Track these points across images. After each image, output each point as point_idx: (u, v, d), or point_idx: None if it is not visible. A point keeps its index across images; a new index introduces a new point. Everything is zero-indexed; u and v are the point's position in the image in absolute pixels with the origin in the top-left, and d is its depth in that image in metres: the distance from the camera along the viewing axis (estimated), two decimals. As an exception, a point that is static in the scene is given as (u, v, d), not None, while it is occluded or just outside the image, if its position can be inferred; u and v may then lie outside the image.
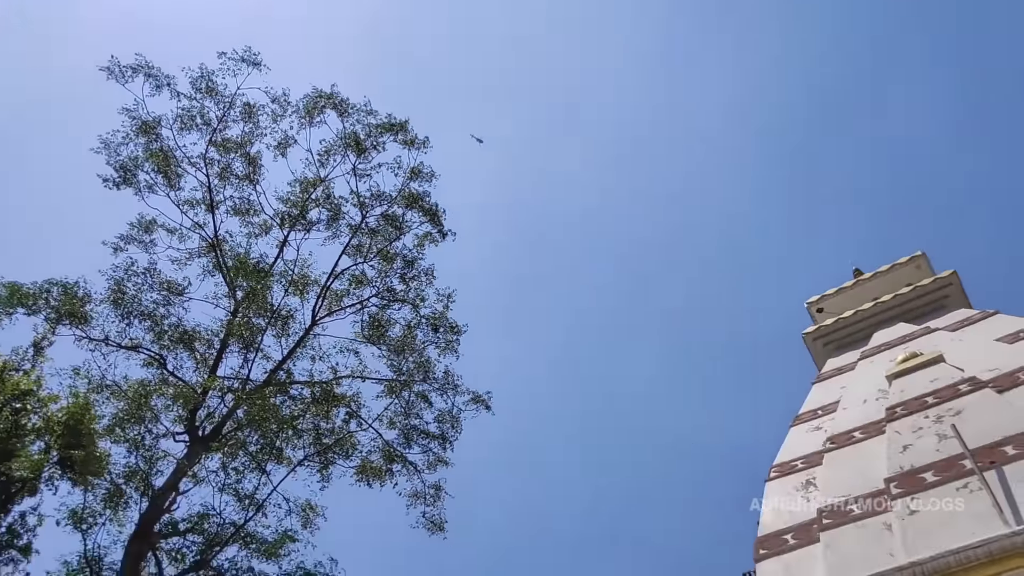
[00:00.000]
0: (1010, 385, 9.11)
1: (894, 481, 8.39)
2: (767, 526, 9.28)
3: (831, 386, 12.29)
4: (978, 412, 8.69)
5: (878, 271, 15.27)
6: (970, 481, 7.81)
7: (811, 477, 9.75)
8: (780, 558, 8.64)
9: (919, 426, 9.04)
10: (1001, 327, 11.15)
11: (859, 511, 8.50)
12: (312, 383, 16.61)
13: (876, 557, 7.68)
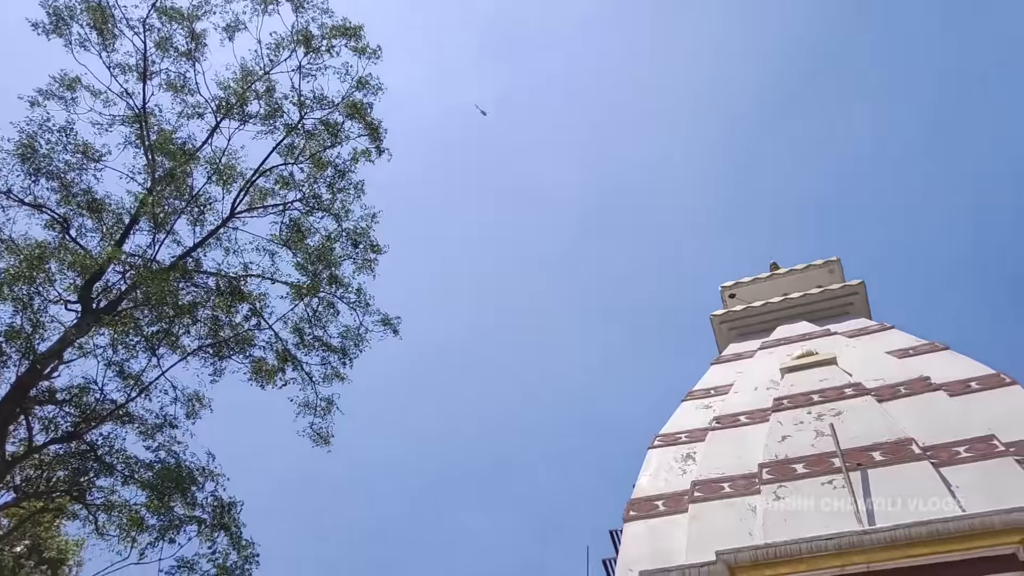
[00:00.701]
0: (890, 396, 9.56)
1: (767, 467, 8.75)
2: (642, 490, 9.59)
3: (728, 369, 12.68)
4: (856, 416, 9.10)
5: (793, 268, 15.71)
6: (836, 479, 8.20)
7: (692, 451, 10.08)
8: (647, 522, 8.96)
9: (800, 420, 9.42)
10: (894, 342, 11.65)
11: (730, 490, 8.85)
12: (220, 275, 16.21)
13: (736, 534, 8.04)
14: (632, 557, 8.41)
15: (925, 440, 8.45)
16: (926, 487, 7.69)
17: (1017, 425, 8.45)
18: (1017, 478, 7.56)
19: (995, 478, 7.66)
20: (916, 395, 9.47)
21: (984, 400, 9.11)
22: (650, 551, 8.44)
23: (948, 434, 8.49)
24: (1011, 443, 8.14)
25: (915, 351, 11.05)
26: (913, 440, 8.39)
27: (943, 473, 7.91)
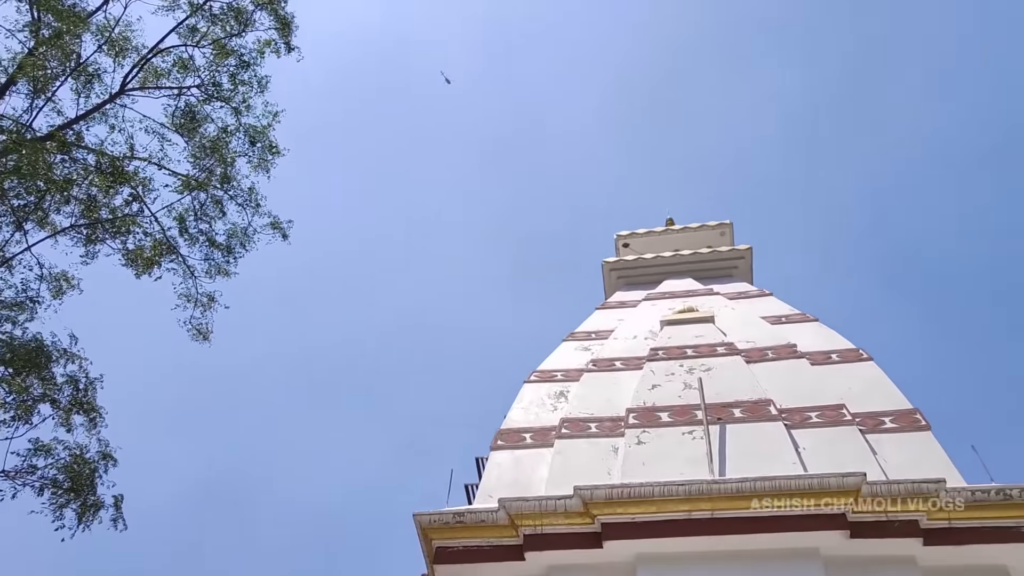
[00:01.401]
0: (758, 359, 10.01)
1: (634, 412, 9.06)
2: (512, 421, 9.78)
3: (611, 316, 12.97)
4: (724, 374, 9.50)
5: (688, 226, 16.11)
6: (696, 430, 8.58)
7: (565, 389, 10.32)
8: (513, 452, 9.16)
9: (672, 372, 9.76)
10: (770, 308, 12.17)
11: (596, 430, 9.13)
12: (102, 152, 15.24)
13: (596, 472, 8.33)
14: (494, 484, 8.60)
15: (782, 403, 8.91)
16: (776, 446, 8.15)
17: (866, 398, 9.02)
18: (857, 445, 8.10)
19: (838, 444, 8.19)
20: (781, 360, 9.95)
21: (841, 372, 9.67)
22: (512, 480, 8.66)
23: (804, 399, 8.98)
24: (858, 414, 8.70)
25: (787, 319, 11.58)
26: (772, 401, 8.84)
27: (793, 435, 8.40)
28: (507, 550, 7.54)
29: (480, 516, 7.70)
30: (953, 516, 7.00)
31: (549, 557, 7.40)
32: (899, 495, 7.07)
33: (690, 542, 7.21)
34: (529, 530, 7.50)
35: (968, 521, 6.98)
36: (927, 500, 7.01)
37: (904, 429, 8.49)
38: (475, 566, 7.52)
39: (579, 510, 7.47)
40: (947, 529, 7.00)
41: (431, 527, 7.72)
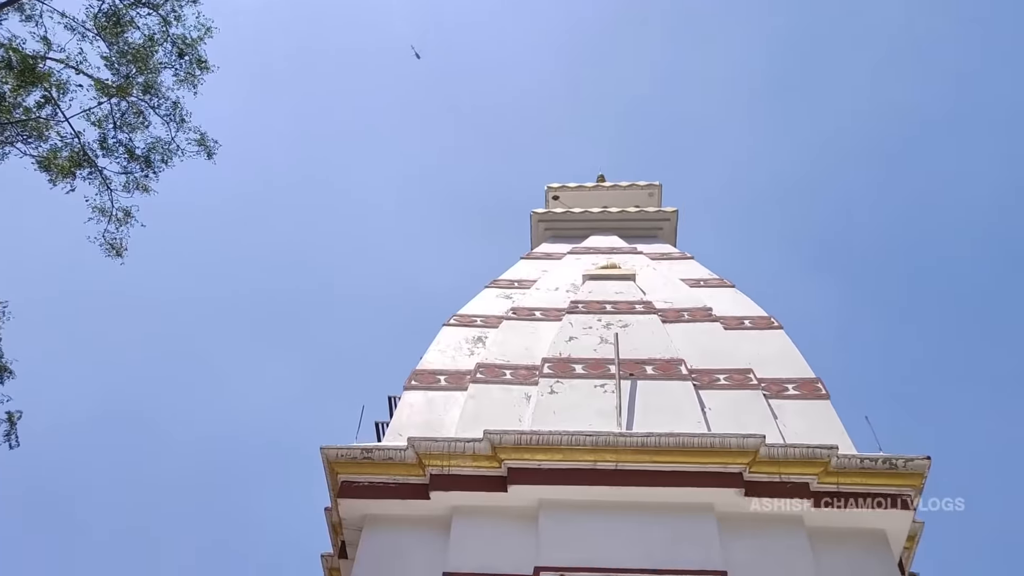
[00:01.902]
0: (674, 319, 10.22)
1: (550, 363, 9.16)
2: (428, 363, 9.78)
3: (536, 266, 13.02)
4: (640, 331, 9.67)
5: (618, 184, 16.21)
6: (608, 384, 8.74)
7: (484, 335, 10.36)
8: (427, 393, 9.18)
9: (590, 325, 9.88)
10: (689, 271, 12.41)
11: (511, 377, 9.21)
12: (13, 48, 14.32)
13: (507, 418, 8.42)
14: (404, 423, 8.62)
15: (693, 363, 9.14)
16: (683, 404, 8.38)
17: (772, 364, 9.33)
18: (760, 409, 8.39)
19: (742, 406, 8.47)
20: (696, 323, 10.19)
21: (752, 338, 9.96)
22: (423, 420, 8.69)
23: (714, 362, 9.23)
24: (763, 379, 9.00)
25: (705, 283, 11.84)
26: (683, 361, 9.05)
27: (701, 395, 8.64)
28: (412, 488, 7.59)
29: (388, 453, 7.72)
30: (842, 481, 7.35)
31: (454, 498, 7.48)
32: (794, 459, 7.38)
33: (593, 491, 7.39)
34: (436, 470, 7.55)
35: (855, 487, 7.34)
36: (819, 465, 7.33)
37: (805, 397, 8.82)
38: (379, 502, 7.55)
39: (487, 453, 7.56)
40: (835, 493, 7.34)
41: (338, 461, 7.71)
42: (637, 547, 7.03)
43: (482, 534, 7.25)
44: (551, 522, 7.25)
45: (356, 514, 7.58)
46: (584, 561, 6.94)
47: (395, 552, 7.24)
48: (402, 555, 7.21)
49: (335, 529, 8.02)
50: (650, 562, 6.92)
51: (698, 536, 7.10)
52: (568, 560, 6.95)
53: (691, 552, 6.98)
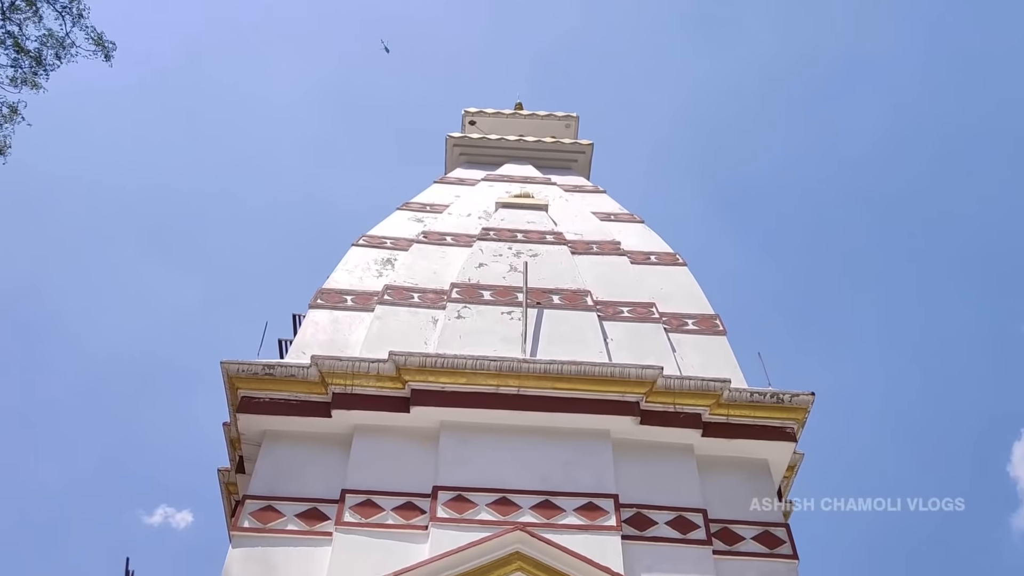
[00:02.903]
0: (583, 251, 10.35)
1: (458, 288, 9.18)
2: (335, 282, 9.65)
3: (449, 191, 12.90)
4: (549, 261, 9.77)
5: (535, 113, 16.10)
6: (515, 311, 8.83)
7: (393, 257, 10.27)
8: (333, 312, 9.09)
9: (500, 253, 9.91)
10: (601, 205, 12.53)
11: (418, 300, 9.20)
12: None
13: (413, 341, 8.43)
14: (308, 342, 8.54)
15: (599, 295, 9.32)
16: (587, 334, 8.56)
17: (675, 299, 9.61)
18: (660, 342, 8.66)
19: (643, 339, 8.71)
20: (604, 255, 10.35)
21: (657, 273, 10.20)
22: (328, 339, 8.62)
23: (619, 294, 9.43)
24: (665, 313, 9.26)
25: (616, 217, 11.99)
26: (589, 293, 9.22)
27: (605, 326, 8.83)
28: (314, 406, 7.57)
29: (291, 371, 7.65)
30: (732, 413, 7.71)
31: (356, 417, 7.50)
32: (689, 390, 7.68)
33: (494, 415, 7.53)
34: (339, 389, 7.54)
35: (743, 418, 7.72)
36: (712, 397, 7.66)
37: (703, 332, 9.15)
38: (280, 418, 7.51)
39: (391, 374, 7.58)
40: (724, 424, 7.70)
41: (238, 376, 7.60)
42: (534, 470, 7.24)
43: (383, 453, 7.32)
44: (452, 443, 7.38)
45: (255, 430, 7.52)
46: (482, 482, 7.11)
47: (294, 467, 7.24)
48: (301, 470, 7.22)
49: (233, 444, 7.95)
50: (545, 484, 7.15)
51: (593, 461, 7.35)
52: (466, 480, 7.10)
53: (585, 476, 7.23)
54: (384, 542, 6.67)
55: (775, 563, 6.94)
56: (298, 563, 6.59)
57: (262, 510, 6.90)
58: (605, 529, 6.83)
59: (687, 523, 7.03)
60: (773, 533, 7.16)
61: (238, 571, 6.50)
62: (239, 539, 6.70)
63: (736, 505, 7.34)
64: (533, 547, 6.11)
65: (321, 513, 6.92)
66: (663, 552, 6.83)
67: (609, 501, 7.02)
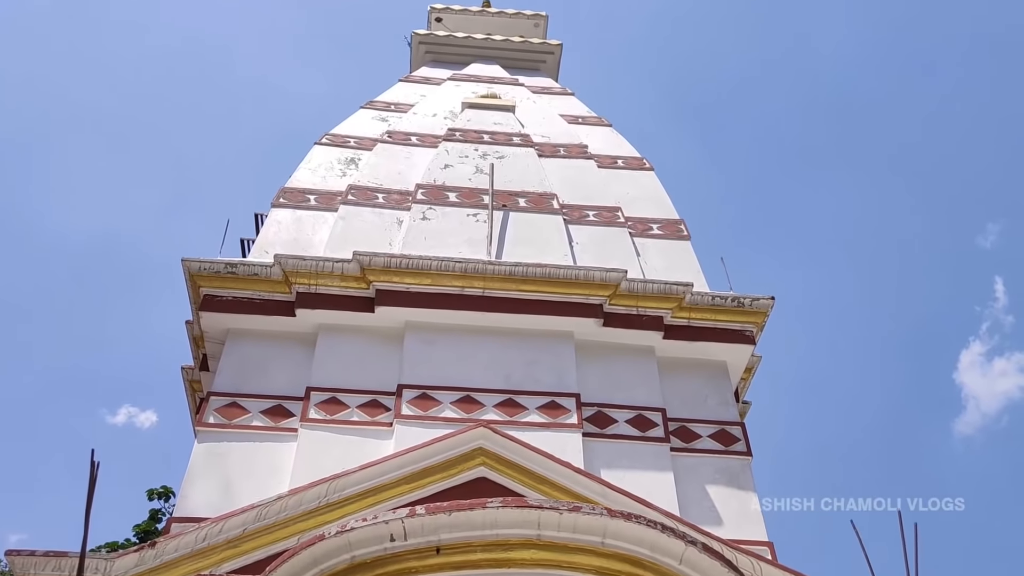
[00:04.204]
0: (550, 154, 10.23)
1: (423, 189, 9.07)
2: (298, 181, 9.48)
3: (414, 90, 12.59)
4: (515, 163, 9.66)
5: (503, 11, 15.62)
6: (481, 213, 8.78)
7: (357, 157, 10.07)
8: (296, 212, 8.95)
9: (466, 154, 9.77)
10: (569, 107, 12.33)
11: (383, 201, 9.08)
12: None
13: (377, 241, 8.37)
14: (271, 241, 8.43)
15: (565, 198, 9.27)
16: (552, 237, 8.55)
17: (640, 204, 9.59)
18: (624, 246, 8.68)
19: (608, 242, 8.73)
20: (571, 158, 10.25)
21: (623, 177, 10.14)
22: (291, 239, 8.52)
23: (585, 198, 9.39)
24: (631, 218, 9.26)
25: (583, 120, 11.82)
26: (555, 196, 9.16)
27: (570, 229, 8.83)
28: (278, 305, 7.53)
29: (254, 269, 7.57)
30: (693, 316, 7.83)
31: (320, 316, 7.49)
32: (651, 294, 7.76)
33: (459, 315, 7.56)
34: (303, 288, 7.50)
35: (704, 322, 7.85)
36: (674, 300, 7.75)
37: (668, 236, 9.19)
38: (243, 317, 7.48)
39: (356, 274, 7.54)
40: (686, 327, 7.83)
41: (200, 274, 7.51)
42: (498, 369, 7.34)
43: (347, 351, 7.35)
44: (416, 343, 7.42)
45: (218, 328, 7.49)
46: (446, 380, 7.19)
47: (258, 365, 7.26)
48: (265, 368, 7.24)
49: (196, 342, 7.92)
50: (509, 383, 7.26)
51: (556, 361, 7.46)
52: (431, 379, 7.19)
53: (548, 376, 7.35)
54: (349, 438, 6.77)
55: (730, 460, 7.20)
56: (263, 458, 6.68)
57: (227, 407, 6.94)
58: (566, 427, 6.99)
59: (646, 421, 7.22)
60: (729, 432, 7.39)
61: (204, 466, 6.57)
62: (204, 435, 6.75)
63: (694, 405, 7.54)
64: (496, 443, 6.24)
65: (286, 410, 6.98)
66: (622, 449, 7.04)
67: (571, 400, 7.17)
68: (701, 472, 7.06)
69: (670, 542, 3.97)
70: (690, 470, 7.05)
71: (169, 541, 5.50)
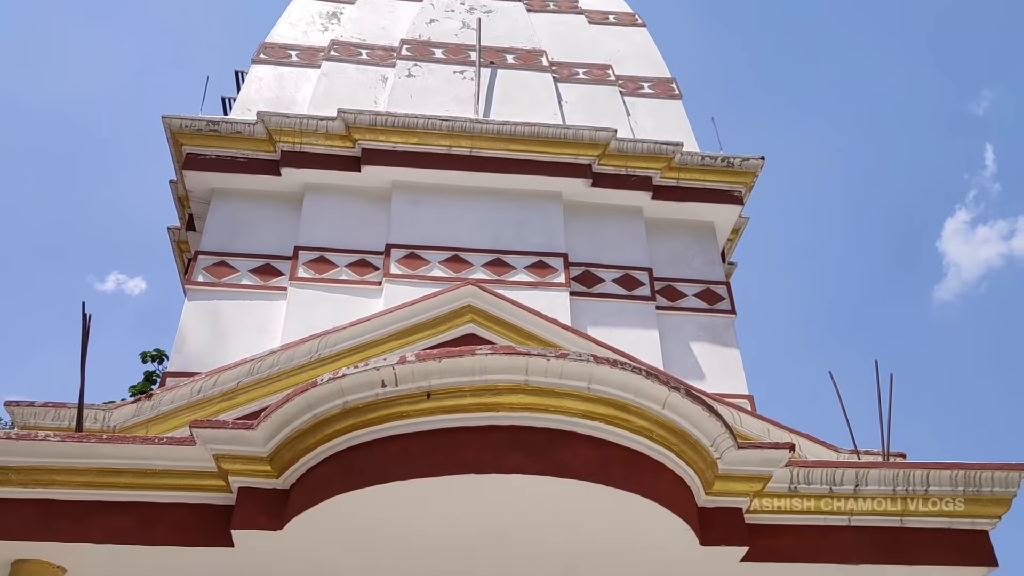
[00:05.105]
0: (539, 8, 9.88)
1: (408, 44, 8.78)
2: (278, 36, 9.14)
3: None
4: (503, 18, 9.33)
5: None
6: (468, 71, 8.54)
7: (339, 11, 9.69)
8: (277, 68, 8.68)
9: (452, 8, 9.42)
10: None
11: (367, 57, 8.80)
12: None
13: (362, 99, 8.18)
14: (253, 98, 8.21)
15: (555, 55, 9.02)
16: (541, 95, 8.37)
17: (632, 62, 9.34)
18: (615, 105, 8.52)
19: (598, 101, 8.56)
20: (561, 14, 9.90)
21: (615, 34, 9.82)
22: (273, 96, 8.30)
23: (575, 55, 9.13)
24: (622, 76, 9.04)
25: (573, -27, 11.33)
26: (544, 53, 8.90)
27: (560, 87, 8.63)
28: (262, 164, 7.42)
29: (236, 127, 7.41)
30: (682, 176, 7.77)
31: (306, 175, 7.39)
32: (641, 153, 7.67)
33: (446, 175, 7.48)
34: (287, 147, 7.37)
35: (693, 182, 7.80)
36: (663, 160, 7.67)
37: (659, 96, 9.00)
38: (228, 176, 7.37)
39: (341, 133, 7.40)
40: (675, 187, 7.79)
41: (182, 132, 7.35)
42: (486, 229, 7.33)
43: (335, 211, 7.31)
44: (404, 202, 7.38)
45: (203, 187, 7.40)
46: (435, 240, 7.19)
47: (245, 224, 7.21)
48: (253, 227, 7.20)
49: (181, 202, 7.85)
50: (497, 243, 7.27)
51: (544, 221, 7.45)
52: (419, 238, 7.18)
53: (536, 236, 7.36)
54: (338, 296, 6.82)
55: (714, 318, 7.32)
56: (253, 316, 6.74)
57: (215, 265, 6.94)
58: (554, 286, 7.05)
59: (633, 281, 7.29)
60: (714, 291, 7.49)
61: (195, 323, 6.64)
62: (194, 292, 6.78)
63: (681, 265, 7.60)
64: (484, 300, 6.30)
65: (275, 269, 6.99)
66: (609, 307, 7.13)
67: (559, 260, 7.21)
68: (685, 330, 7.19)
69: (654, 387, 4.07)
70: (675, 328, 7.18)
71: (165, 393, 5.62)
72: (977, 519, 4.66)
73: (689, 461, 4.34)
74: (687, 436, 4.29)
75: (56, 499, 4.35)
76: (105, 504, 4.37)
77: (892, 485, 4.65)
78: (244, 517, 4.29)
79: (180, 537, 4.38)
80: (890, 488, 4.65)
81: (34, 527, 4.26)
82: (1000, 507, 4.67)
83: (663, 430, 4.23)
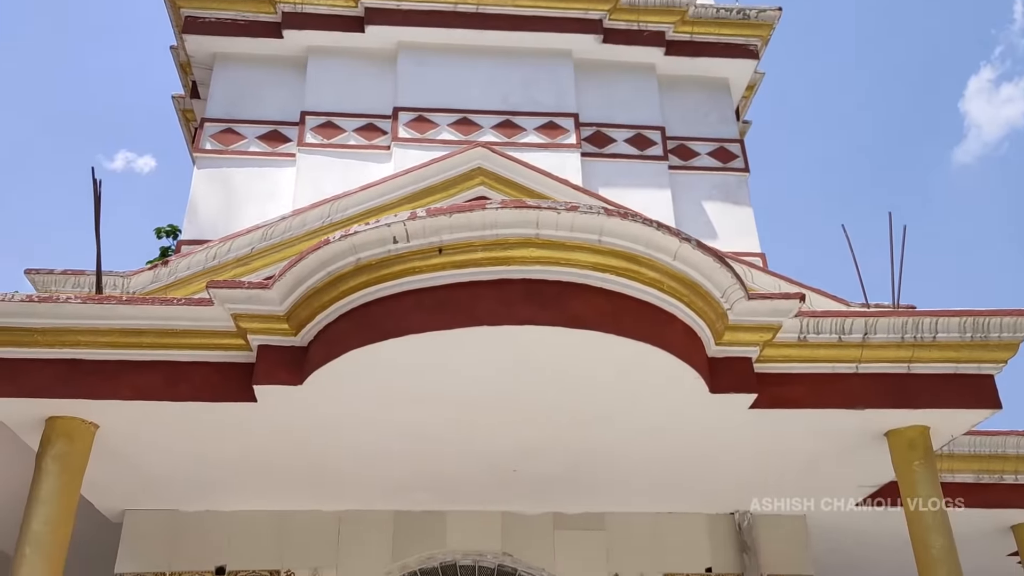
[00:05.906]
0: None
1: None
2: None
3: None
4: None
5: None
6: None
7: None
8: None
9: None
10: None
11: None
12: None
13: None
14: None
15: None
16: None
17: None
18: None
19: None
20: None
21: None
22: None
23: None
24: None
25: None
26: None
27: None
28: (264, 26, 7.22)
29: (234, -13, 7.16)
30: (696, 30, 7.52)
31: (309, 37, 7.20)
32: (653, 7, 7.40)
33: (453, 34, 7.27)
34: (288, 8, 7.15)
35: (707, 36, 7.55)
36: (677, 14, 7.41)
37: (673, -55, 8.56)
38: (229, 40, 7.19)
39: (342, -9, 7.15)
40: (688, 42, 7.55)
41: (177, -7, 7.12)
42: (495, 90, 7.19)
43: (340, 74, 7.16)
44: (410, 64, 7.21)
45: (205, 52, 7.23)
46: (443, 102, 7.07)
47: (250, 90, 7.10)
48: (258, 93, 7.08)
49: (184, 69, 7.70)
50: (506, 104, 7.14)
51: (554, 81, 7.29)
52: (427, 100, 7.06)
53: (546, 95, 7.21)
54: (347, 161, 6.78)
55: (727, 176, 7.25)
56: (263, 183, 6.73)
57: (222, 132, 6.88)
58: (565, 147, 6.97)
59: (645, 140, 7.19)
60: (728, 149, 7.38)
61: (205, 191, 6.65)
62: (202, 160, 6.75)
63: (694, 123, 7.47)
64: (495, 163, 6.24)
65: (282, 135, 6.92)
66: (621, 167, 7.06)
67: (569, 120, 7.09)
68: (698, 188, 7.14)
69: (665, 239, 4.05)
70: (688, 187, 7.12)
71: (181, 260, 5.68)
72: (984, 364, 4.71)
73: (699, 312, 4.38)
74: (698, 287, 4.31)
75: (83, 359, 4.46)
76: (131, 363, 4.48)
77: (901, 333, 4.69)
78: (265, 373, 4.39)
79: (205, 393, 4.51)
80: (899, 336, 4.69)
81: (64, 384, 4.39)
82: (1007, 352, 4.71)
83: (674, 281, 4.24)
